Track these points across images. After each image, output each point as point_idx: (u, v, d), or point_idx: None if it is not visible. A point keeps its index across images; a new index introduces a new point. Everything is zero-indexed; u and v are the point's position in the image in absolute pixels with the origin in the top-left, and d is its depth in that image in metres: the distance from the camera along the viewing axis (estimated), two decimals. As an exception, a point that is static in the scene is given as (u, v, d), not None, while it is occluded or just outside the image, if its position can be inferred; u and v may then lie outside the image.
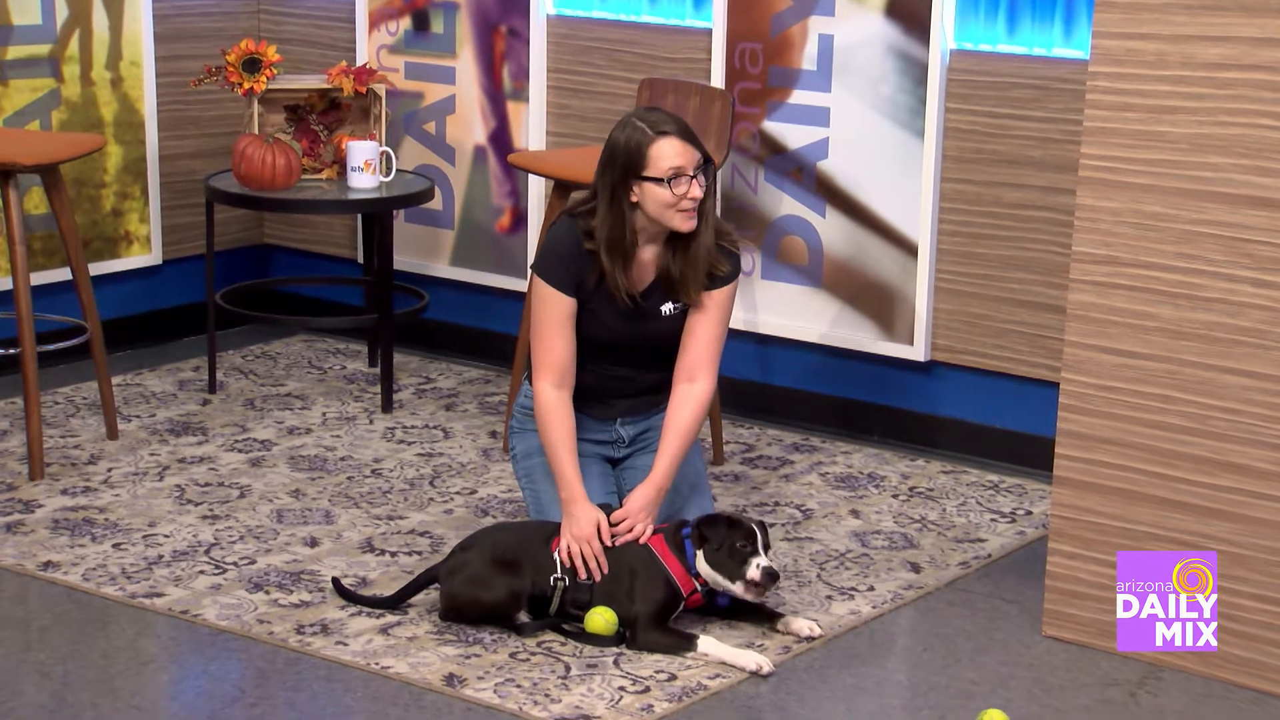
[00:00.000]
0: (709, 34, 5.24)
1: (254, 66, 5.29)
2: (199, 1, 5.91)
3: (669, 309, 4.03)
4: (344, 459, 4.92)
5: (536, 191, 5.59)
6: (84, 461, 4.84)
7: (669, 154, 3.88)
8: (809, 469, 4.94)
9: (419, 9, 5.73)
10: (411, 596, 3.97)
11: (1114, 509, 3.82)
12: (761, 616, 3.95)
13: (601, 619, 3.83)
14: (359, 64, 5.67)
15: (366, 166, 5.30)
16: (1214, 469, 3.70)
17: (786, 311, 5.23)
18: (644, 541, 3.91)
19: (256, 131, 5.34)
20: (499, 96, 5.62)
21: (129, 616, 3.95)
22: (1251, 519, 3.67)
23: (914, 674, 3.85)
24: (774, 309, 5.25)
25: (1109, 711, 3.65)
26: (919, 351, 5.05)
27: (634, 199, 3.91)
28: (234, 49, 5.30)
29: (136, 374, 5.60)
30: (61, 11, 5.54)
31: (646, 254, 3.99)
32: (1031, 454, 4.90)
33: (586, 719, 3.53)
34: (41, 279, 5.44)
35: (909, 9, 4.89)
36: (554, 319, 3.97)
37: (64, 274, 5.31)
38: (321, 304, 6.12)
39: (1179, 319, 3.69)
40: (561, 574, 3.87)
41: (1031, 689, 3.73)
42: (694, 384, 4.02)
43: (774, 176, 5.18)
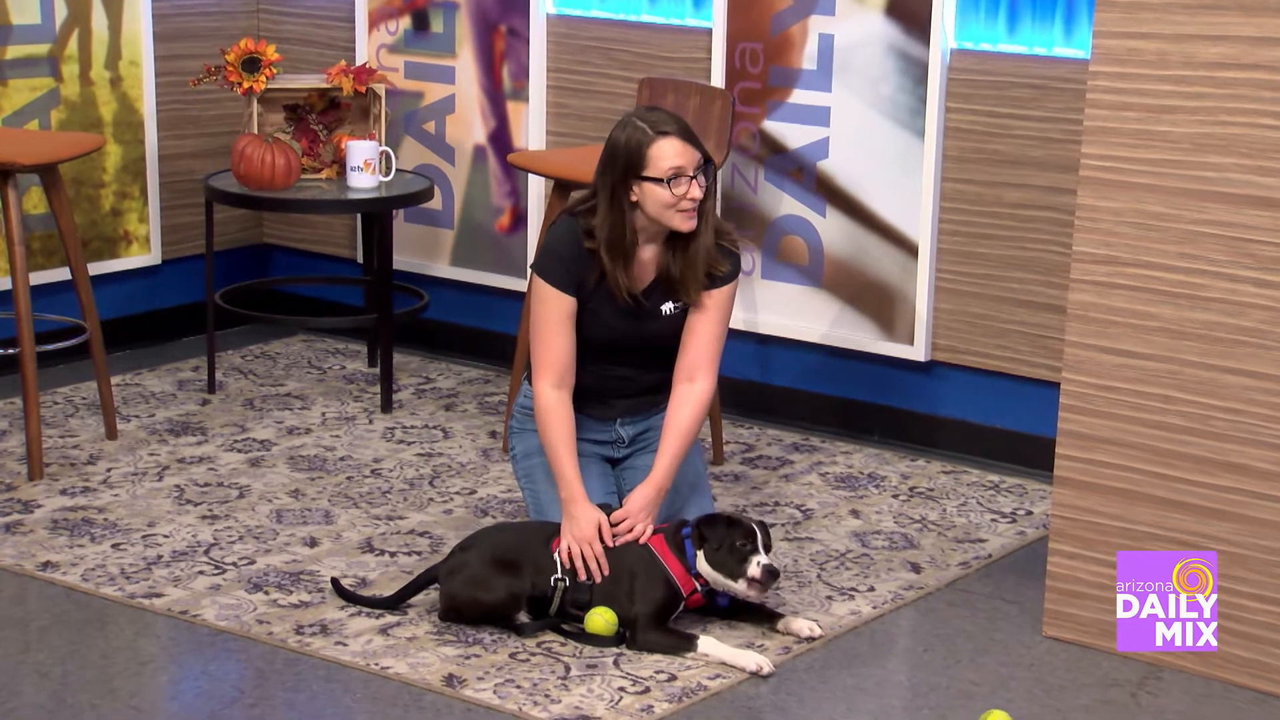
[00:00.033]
0: (709, 33, 5.23)
1: (253, 66, 5.28)
2: (198, 1, 5.90)
3: (669, 308, 4.02)
4: (343, 459, 4.91)
5: (536, 191, 5.58)
6: (83, 462, 4.83)
7: (669, 154, 3.87)
8: (809, 469, 4.94)
9: (419, 8, 5.72)
10: (411, 597, 3.96)
11: (1114, 509, 3.82)
12: (761, 617, 3.94)
13: (601, 619, 3.82)
14: (358, 63, 5.66)
15: (366, 166, 5.30)
16: (1215, 469, 3.69)
17: (787, 311, 5.23)
18: (644, 542, 3.90)
19: (256, 131, 5.33)
20: (499, 96, 5.62)
21: (128, 617, 3.94)
22: (1252, 519, 3.67)
23: (914, 674, 3.85)
24: (774, 309, 5.24)
25: (1110, 712, 3.64)
26: (919, 351, 5.04)
27: (634, 199, 3.90)
28: (233, 48, 5.29)
29: (136, 374, 5.60)
30: (60, 11, 5.53)
31: (646, 253, 3.99)
32: (1032, 454, 4.90)
33: (586, 719, 3.53)
34: (41, 279, 5.44)
35: (909, 8, 4.89)
36: (554, 318, 3.96)
37: (63, 274, 5.30)
38: (321, 304, 6.11)
39: (1180, 319, 3.69)
40: (562, 574, 3.87)
41: (1032, 689, 3.72)
42: (694, 384, 4.01)
43: (774, 176, 5.18)
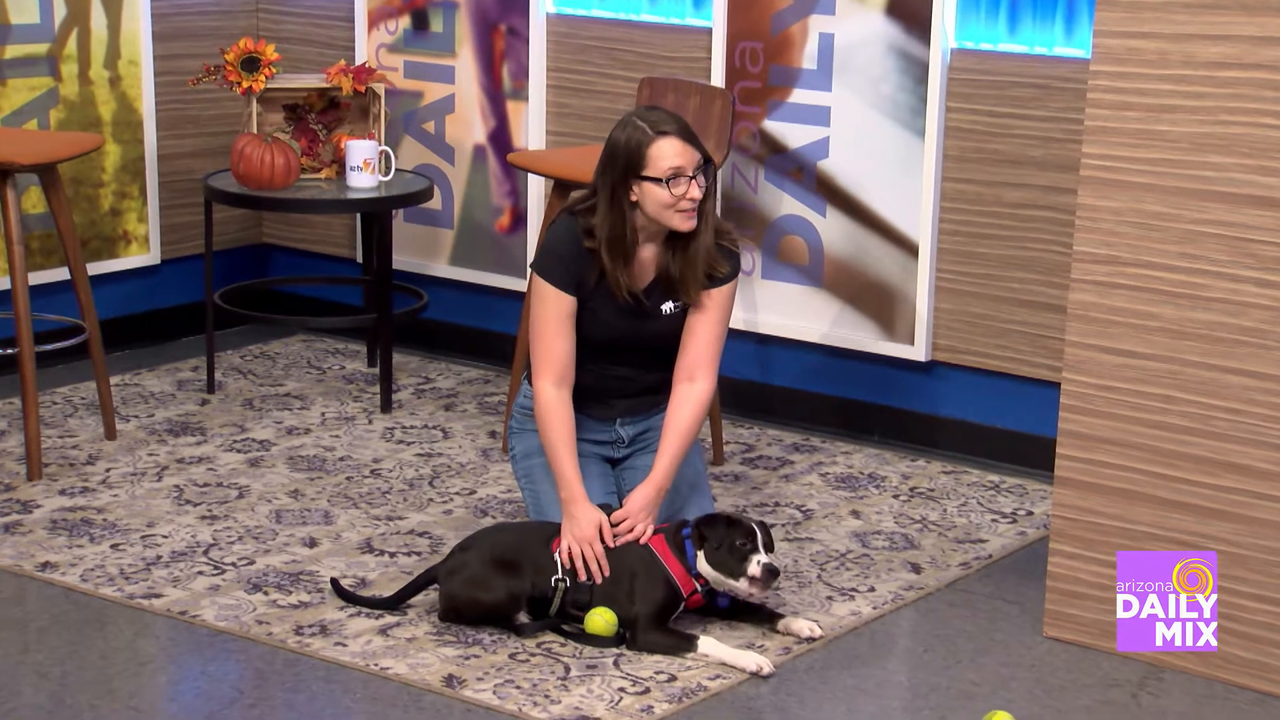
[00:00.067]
0: (709, 33, 5.23)
1: (253, 65, 5.27)
2: (197, 0, 5.90)
3: (669, 308, 4.02)
4: (343, 459, 4.90)
5: (536, 191, 5.58)
6: (82, 462, 4.83)
7: (668, 154, 3.86)
8: (809, 469, 4.93)
9: (418, 8, 5.71)
10: (411, 597, 3.96)
11: (1115, 509, 3.81)
12: (762, 617, 3.94)
13: (601, 620, 3.82)
14: (358, 63, 5.66)
15: (365, 166, 5.29)
16: (1215, 469, 3.69)
17: (787, 311, 5.22)
18: (644, 542, 3.90)
19: (255, 131, 5.32)
20: (498, 96, 5.61)
21: (127, 617, 3.94)
22: (1253, 519, 3.66)
23: (915, 675, 3.84)
24: (774, 309, 5.24)
25: (1110, 712, 3.64)
26: (920, 351, 5.04)
27: (634, 198, 3.90)
28: (233, 48, 5.29)
29: (135, 374, 5.59)
30: (60, 10, 5.52)
31: (646, 253, 3.98)
32: (1032, 454, 4.89)
33: (586, 719, 3.53)
34: (39, 279, 5.43)
35: (910, 8, 4.88)
36: (554, 317, 3.96)
37: (62, 274, 5.30)
38: (320, 304, 6.11)
39: (1181, 319, 3.68)
40: (562, 575, 3.86)
41: (1033, 690, 3.72)
42: (694, 384, 4.01)
43: (774, 176, 5.17)
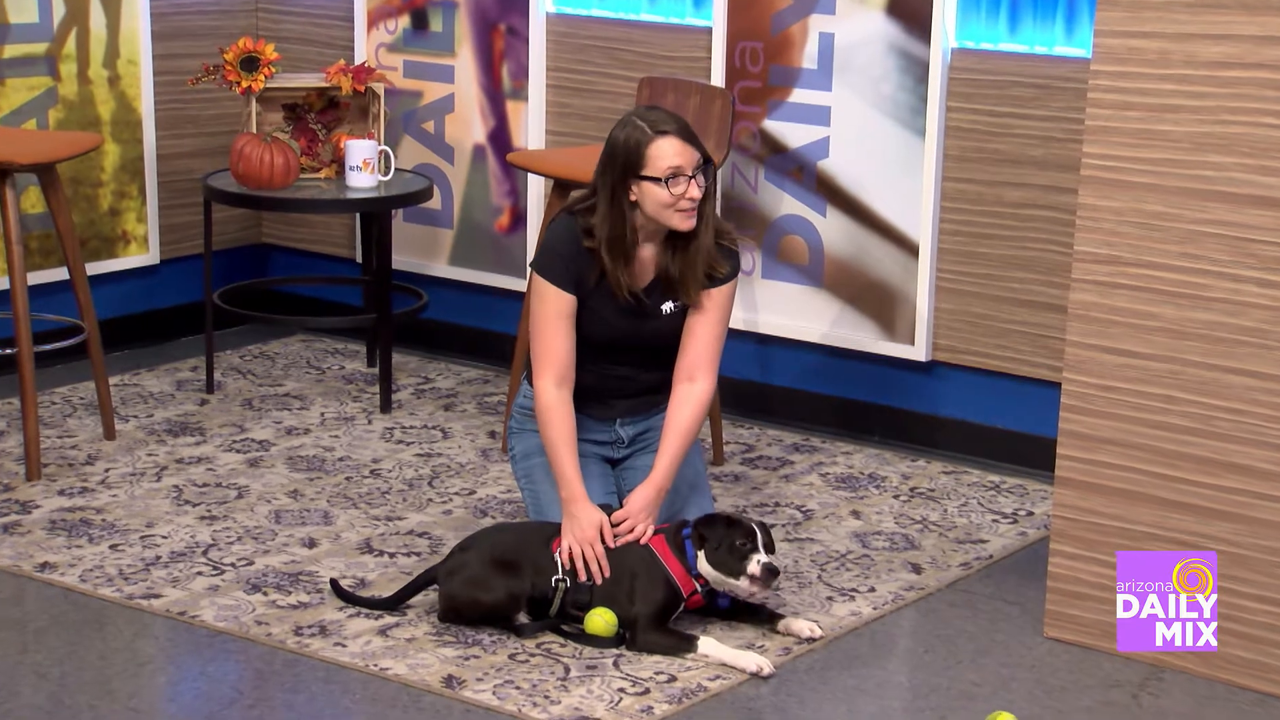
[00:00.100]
0: (709, 32, 5.22)
1: (252, 65, 5.27)
2: (197, 0, 5.89)
3: (668, 308, 4.01)
4: (342, 459, 4.90)
5: (536, 191, 5.57)
6: (81, 462, 4.82)
7: (668, 153, 3.86)
8: (809, 469, 4.93)
9: (418, 7, 5.71)
10: (410, 598, 3.95)
11: (1116, 510, 3.81)
12: (762, 618, 3.93)
13: (601, 620, 3.81)
14: (357, 62, 5.65)
15: (365, 165, 5.28)
16: (1217, 470, 3.68)
17: (787, 311, 5.22)
18: (644, 542, 3.89)
19: (254, 130, 5.32)
20: (498, 95, 5.60)
21: (126, 618, 3.93)
22: (1254, 520, 3.66)
23: (915, 675, 3.84)
24: (774, 309, 5.23)
25: (1111, 713, 3.63)
26: (920, 351, 5.03)
27: (633, 198, 3.89)
28: (232, 47, 5.28)
29: (134, 374, 5.59)
30: (58, 10, 5.52)
31: (646, 252, 3.97)
32: (1033, 454, 4.89)
33: (586, 721, 3.52)
34: (38, 279, 5.42)
35: (910, 7, 4.87)
36: (554, 316, 3.95)
37: (61, 274, 5.29)
38: (320, 304, 6.10)
39: (1182, 319, 3.68)
40: (562, 575, 3.85)
41: (1033, 690, 3.71)
42: (694, 384, 4.00)
43: (774, 176, 5.17)
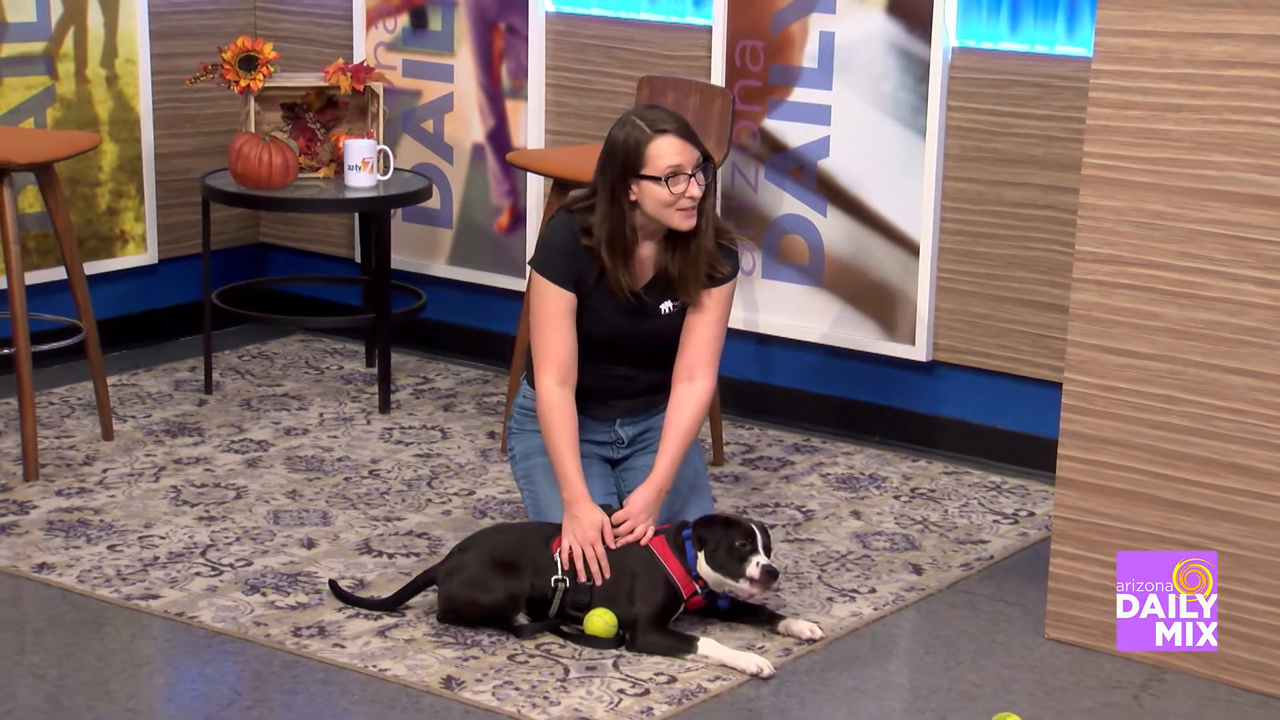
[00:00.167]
0: (709, 31, 5.21)
1: (250, 64, 5.26)
2: (195, -1, 5.90)
3: (668, 307, 4.00)
4: (341, 460, 4.89)
5: (535, 190, 5.56)
6: (79, 462, 4.81)
7: (668, 152, 3.85)
8: (810, 470, 4.92)
9: (417, 6, 5.70)
10: (409, 598, 3.94)
11: (1117, 510, 3.80)
12: (762, 618, 3.92)
13: (601, 621, 3.80)
14: (356, 61, 5.65)
15: (364, 165, 5.27)
16: (1218, 470, 3.67)
17: (787, 311, 5.21)
18: (645, 543, 3.88)
19: (253, 130, 5.31)
20: (497, 94, 5.59)
21: (124, 619, 3.92)
22: (1256, 520, 3.65)
23: (916, 676, 3.83)
24: (774, 308, 5.22)
25: (1112, 714, 3.62)
26: (920, 351, 5.02)
27: (633, 197, 3.88)
28: (230, 46, 5.27)
29: (132, 374, 5.58)
30: (56, 9, 5.51)
31: (645, 251, 3.96)
32: (1034, 455, 4.88)
33: (585, 722, 3.51)
34: (36, 278, 5.42)
35: (911, 6, 4.86)
36: (554, 314, 3.94)
37: (59, 273, 5.28)
38: (318, 303, 6.09)
39: (1183, 319, 3.67)
40: (562, 575, 3.84)
41: (1034, 691, 3.70)
42: (693, 383, 3.99)
43: (774, 175, 5.16)
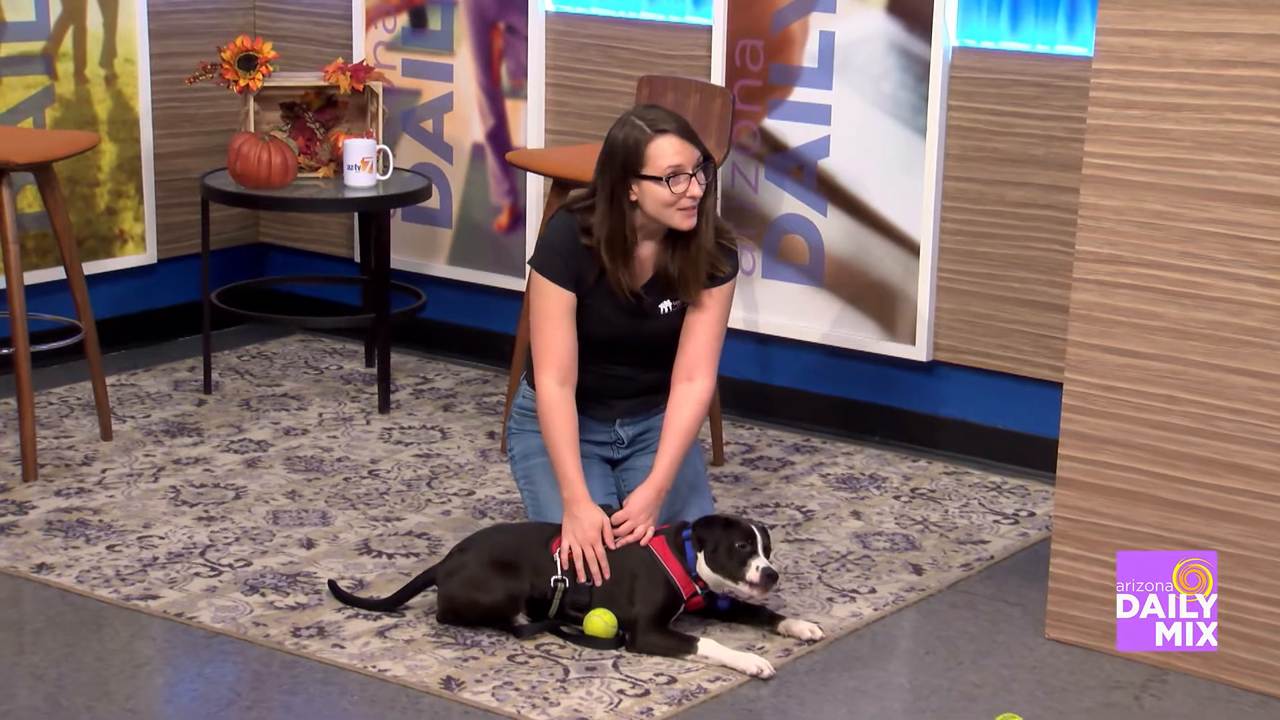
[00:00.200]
0: (709, 31, 5.21)
1: (250, 64, 5.25)
2: (194, -2, 5.90)
3: (667, 307, 4.00)
4: (340, 460, 4.88)
5: (535, 190, 5.56)
6: (78, 463, 4.80)
7: (668, 152, 3.84)
8: (810, 470, 4.91)
9: (416, 6, 5.69)
10: (409, 599, 3.94)
11: (1118, 510, 3.79)
12: (762, 619, 3.92)
13: (600, 621, 3.80)
14: (356, 61, 5.64)
15: (363, 165, 5.27)
16: (1219, 470, 3.67)
17: (787, 311, 5.20)
18: (645, 543, 3.87)
19: (252, 129, 5.30)
20: (497, 94, 5.59)
21: (123, 619, 3.92)
22: (1257, 521, 3.64)
23: (916, 677, 3.82)
24: (774, 308, 5.22)
25: (1113, 715, 3.62)
26: (921, 351, 5.01)
27: (633, 198, 3.87)
28: (229, 46, 5.27)
29: (131, 374, 5.57)
30: (55, 8, 5.50)
31: (644, 251, 3.96)
32: (1034, 455, 4.87)
33: (585, 723, 3.51)
34: (35, 278, 5.41)
35: (911, 6, 4.86)
36: (554, 313, 3.93)
37: (58, 273, 5.28)
38: (318, 303, 6.09)
39: (1184, 318, 3.66)
40: (561, 575, 3.84)
41: (1035, 692, 3.70)
42: (693, 383, 3.98)
43: (775, 175, 5.15)
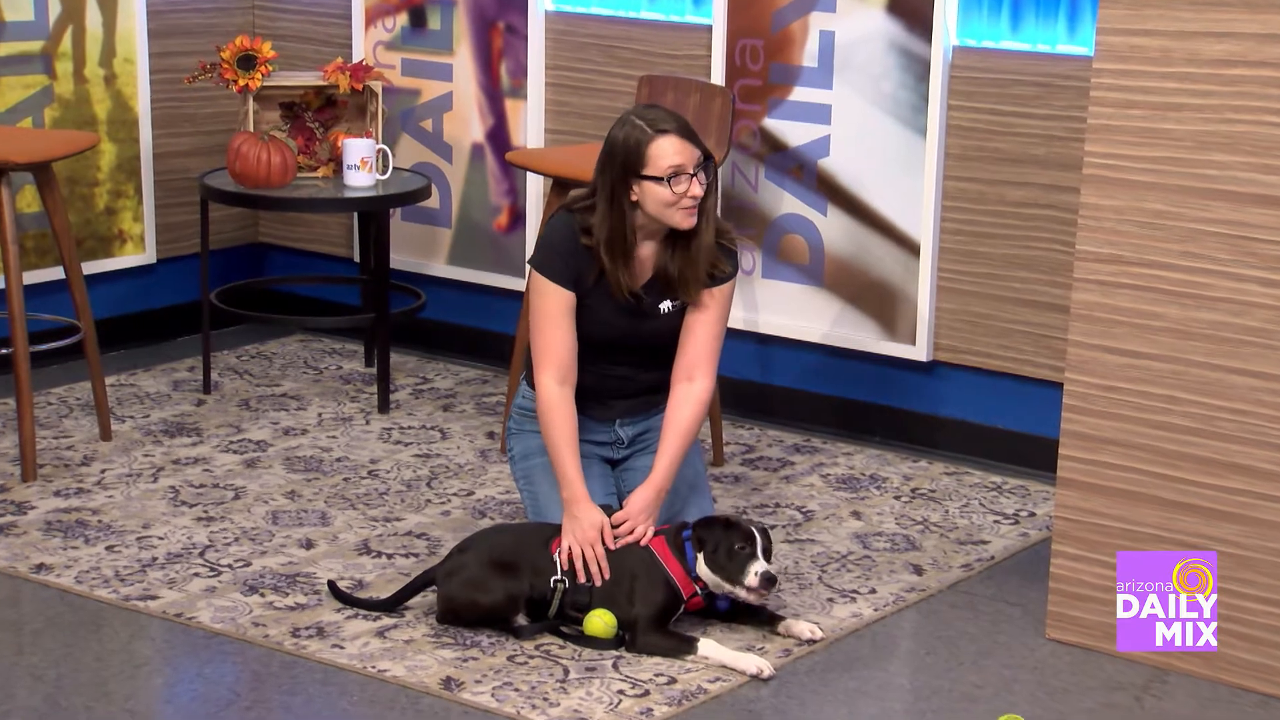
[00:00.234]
0: (709, 30, 5.20)
1: (249, 63, 5.25)
2: (194, -2, 5.89)
3: (667, 307, 3.99)
4: (340, 460, 4.88)
5: (535, 190, 5.55)
6: (77, 463, 4.80)
7: (668, 152, 3.84)
8: (810, 470, 4.91)
9: (416, 5, 5.69)
10: (408, 599, 3.93)
11: (1118, 510, 3.79)
12: (762, 619, 3.91)
13: (600, 622, 3.79)
14: (355, 60, 5.63)
15: (363, 164, 5.26)
16: (1220, 470, 3.66)
17: (787, 311, 5.20)
18: (645, 544, 3.87)
19: (252, 129, 5.30)
20: (497, 94, 5.58)
21: (123, 619, 3.91)
22: (1258, 521, 3.64)
23: (916, 677, 3.82)
24: (775, 308, 5.21)
25: (1114, 715, 3.61)
26: (921, 351, 5.01)
27: (634, 198, 3.87)
28: (229, 45, 5.26)
29: (130, 374, 5.57)
30: (54, 8, 5.50)
31: (644, 251, 3.96)
32: (1035, 455, 4.87)
33: (585, 724, 3.50)
34: (34, 278, 5.41)
35: (911, 5, 4.85)
36: (554, 312, 3.93)
37: (57, 273, 5.27)
38: (317, 303, 6.08)
39: (1184, 318, 3.66)
40: (561, 575, 3.83)
41: (1035, 692, 3.69)
42: (693, 383, 3.98)
43: (775, 174, 5.15)
